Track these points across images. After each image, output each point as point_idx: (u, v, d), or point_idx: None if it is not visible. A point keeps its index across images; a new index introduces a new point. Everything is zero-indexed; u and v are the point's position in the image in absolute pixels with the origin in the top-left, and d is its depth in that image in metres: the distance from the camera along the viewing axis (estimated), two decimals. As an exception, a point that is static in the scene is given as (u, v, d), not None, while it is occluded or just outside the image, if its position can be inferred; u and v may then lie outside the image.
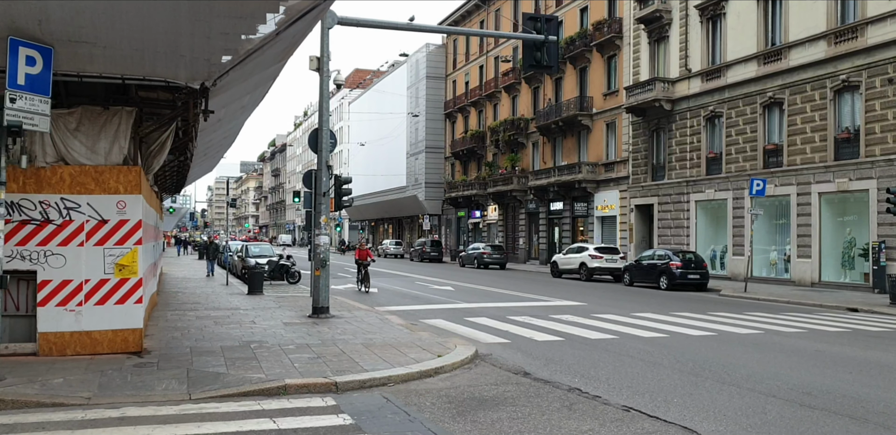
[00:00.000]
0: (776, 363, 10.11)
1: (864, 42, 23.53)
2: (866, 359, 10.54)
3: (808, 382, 8.78)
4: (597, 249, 30.85)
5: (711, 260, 30.19)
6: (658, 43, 34.13)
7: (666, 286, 25.16)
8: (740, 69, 28.91)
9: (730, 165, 29.37)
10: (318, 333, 12.16)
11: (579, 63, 40.66)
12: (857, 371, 9.53)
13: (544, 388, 8.42)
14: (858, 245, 24.28)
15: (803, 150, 25.89)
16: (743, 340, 12.41)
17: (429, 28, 18.73)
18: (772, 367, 9.81)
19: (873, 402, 7.72)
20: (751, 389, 8.33)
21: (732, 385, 8.57)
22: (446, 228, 60.72)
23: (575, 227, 41.27)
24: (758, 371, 9.46)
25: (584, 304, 18.91)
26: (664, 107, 32.45)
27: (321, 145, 15.08)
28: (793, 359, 10.52)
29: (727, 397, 7.93)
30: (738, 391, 8.24)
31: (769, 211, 27.17)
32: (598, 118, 39.08)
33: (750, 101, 28.37)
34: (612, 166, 37.60)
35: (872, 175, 23.18)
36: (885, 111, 22.82)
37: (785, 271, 27.17)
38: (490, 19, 51.78)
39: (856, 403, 7.63)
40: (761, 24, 27.98)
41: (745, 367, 9.77)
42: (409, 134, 63.56)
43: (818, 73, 25.25)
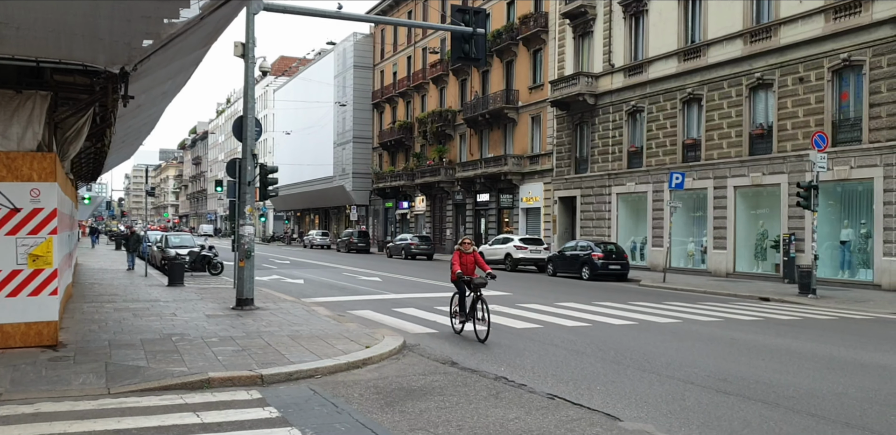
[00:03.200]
0: (694, 351, 10.48)
1: (777, 42, 24.49)
2: (777, 346, 11.03)
3: (723, 369, 9.13)
4: (522, 241, 31.28)
5: (632, 251, 31.02)
6: (583, 38, 34.72)
7: (588, 277, 25.74)
8: (661, 65, 29.70)
9: (650, 159, 30.18)
10: (243, 326, 11.95)
11: (506, 56, 41.00)
12: (768, 358, 9.97)
13: (472, 377, 8.50)
14: (770, 237, 25.35)
15: (720, 145, 26.82)
16: (662, 329, 12.81)
17: (357, 17, 18.49)
18: (689, 354, 10.16)
19: (783, 387, 8.10)
20: (670, 377, 8.62)
21: (653, 372, 8.85)
22: (374, 219, 60.47)
23: (501, 218, 41.71)
24: (676, 359, 9.79)
25: (509, 294, 19.16)
26: (588, 101, 33.07)
27: (246, 133, 14.77)
28: (709, 347, 10.92)
29: (648, 385, 8.18)
30: (658, 378, 8.51)
31: (687, 204, 28.08)
32: (523, 111, 39.53)
33: (670, 97, 29.19)
34: (537, 159, 38.13)
35: (784, 170, 24.21)
36: (796, 109, 23.83)
37: (702, 262, 28.15)
38: (418, 10, 51.62)
39: (768, 389, 7.98)
40: (682, 21, 28.79)
41: (664, 355, 10.09)
42: (337, 123, 62.90)
43: (735, 71, 26.17)
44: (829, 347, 10.94)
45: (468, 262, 11.62)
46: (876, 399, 7.55)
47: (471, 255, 11.66)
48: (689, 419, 6.73)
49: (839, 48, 22.36)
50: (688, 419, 6.73)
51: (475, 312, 11.22)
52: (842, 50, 22.28)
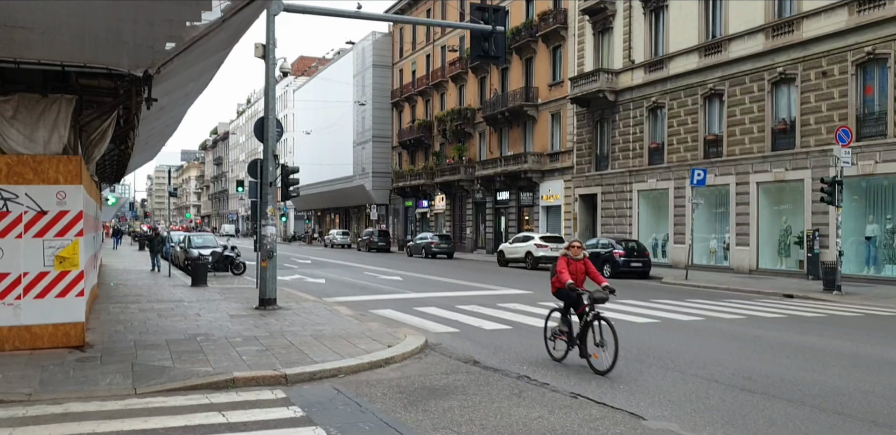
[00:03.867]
0: (717, 349, 10.42)
1: (799, 36, 24.22)
2: (802, 344, 10.93)
3: (747, 366, 9.07)
4: (542, 238, 31.21)
5: (654, 248, 30.84)
6: (602, 34, 34.54)
7: (610, 274, 25.61)
8: (682, 61, 29.48)
9: (671, 156, 29.98)
10: (266, 325, 12.04)
11: (525, 53, 40.89)
12: (793, 356, 9.88)
13: (494, 376, 8.51)
14: (794, 233, 25.09)
15: (742, 141, 26.58)
16: (685, 327, 12.74)
17: (376, 16, 18.54)
18: (713, 352, 10.10)
19: (809, 385, 8.03)
20: (693, 375, 8.57)
21: (676, 371, 8.81)
22: (394, 218, 60.59)
23: (521, 216, 41.63)
24: (700, 357, 9.73)
25: (530, 292, 19.13)
26: (608, 98, 32.90)
27: (267, 134, 14.87)
28: (733, 344, 10.84)
29: (671, 383, 8.14)
30: (682, 377, 8.47)
31: (709, 200, 27.86)
32: (543, 109, 39.41)
33: (691, 93, 28.96)
34: (557, 156, 38.01)
35: (807, 165, 23.95)
36: (819, 103, 23.56)
37: (724, 259, 27.92)
38: (437, 8, 51.62)
39: (793, 387, 7.92)
40: (702, 16, 28.54)
41: (687, 353, 10.04)
42: (356, 123, 63.09)
43: (756, 66, 25.92)
44: (855, 345, 10.82)
45: (578, 270, 9.35)
46: (904, 397, 7.47)
47: (581, 262, 9.39)
48: (713, 418, 6.69)
49: (863, 41, 22.07)
50: (712, 418, 6.69)
51: (588, 333, 8.96)
52: (866, 43, 21.98)
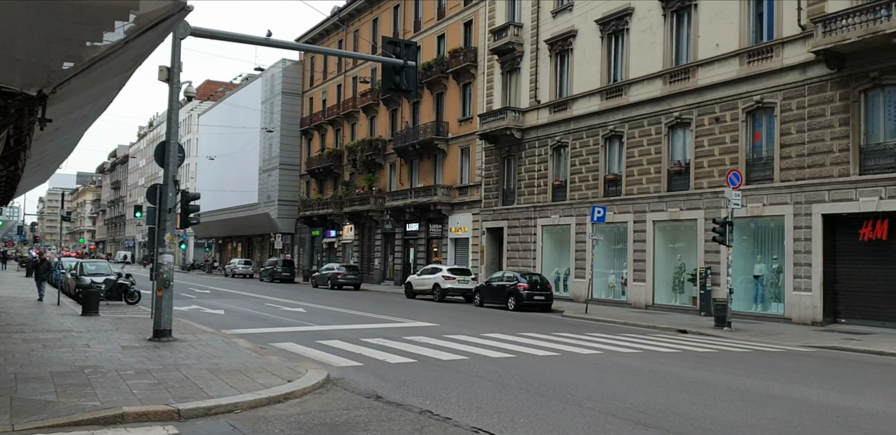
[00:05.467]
0: (615, 383, 10.65)
1: (695, 83, 25.57)
2: (694, 378, 11.32)
3: (643, 401, 9.31)
4: (450, 271, 31.38)
5: (556, 282, 31.48)
6: (511, 74, 35.50)
7: (514, 307, 25.94)
8: (585, 103, 30.58)
9: (574, 193, 30.87)
10: (160, 358, 11.54)
11: (436, 89, 41.51)
12: (686, 390, 10.22)
13: (396, 411, 8.42)
14: (688, 270, 26.13)
15: (640, 181, 27.66)
16: (584, 360, 12.99)
17: (286, 44, 18.45)
18: (611, 386, 10.33)
19: (701, 419, 8.30)
20: (591, 408, 8.73)
21: (575, 404, 8.95)
22: (299, 248, 59.64)
23: (430, 248, 41.77)
24: (598, 391, 9.93)
25: (436, 325, 19.12)
26: (515, 135, 33.71)
27: (168, 159, 14.45)
28: (630, 378, 11.12)
29: (570, 417, 8.26)
30: (581, 410, 8.61)
31: (609, 237, 28.75)
32: (453, 143, 39.97)
33: (593, 134, 30.03)
34: (466, 190, 38.51)
35: (700, 206, 25.10)
36: (712, 147, 24.84)
37: (622, 294, 28.76)
38: (349, 40, 51.89)
39: (685, 421, 8.17)
40: (605, 61, 29.78)
41: (586, 386, 10.22)
42: (263, 149, 62.16)
43: (655, 110, 27.16)
44: (744, 380, 11.29)
45: None
46: (786, 431, 7.82)
47: None
48: (610, 452, 6.80)
49: (753, 90, 23.50)
50: (609, 452, 6.80)
51: None
52: (755, 92, 23.42)
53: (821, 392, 10.34)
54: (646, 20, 27.67)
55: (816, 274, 21.29)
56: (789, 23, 22.42)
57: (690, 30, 26.00)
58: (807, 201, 21.63)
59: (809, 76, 21.79)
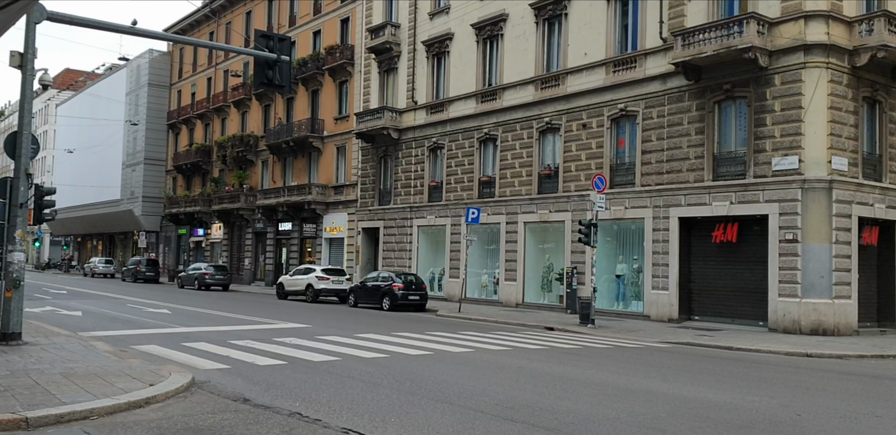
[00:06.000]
0: (485, 380, 10.88)
1: (564, 90, 26.51)
2: (560, 374, 11.74)
3: (511, 396, 9.56)
4: (324, 271, 31.01)
5: (431, 282, 31.78)
6: (388, 73, 35.53)
7: (388, 307, 25.97)
8: (461, 105, 31.06)
9: (449, 194, 31.28)
10: (7, 363, 10.76)
11: (311, 85, 40.93)
12: (552, 385, 10.57)
13: (264, 414, 8.24)
14: (555, 270, 27.07)
15: (512, 184, 28.39)
16: (456, 359, 13.19)
17: (154, 34, 17.61)
18: (481, 383, 10.54)
19: (565, 413, 8.62)
20: (462, 406, 8.87)
21: (446, 402, 9.07)
22: (165, 247, 57.22)
23: (303, 248, 41.13)
24: (468, 388, 10.10)
25: (309, 326, 18.86)
26: (392, 135, 33.77)
27: (20, 151, 13.49)
28: (499, 375, 11.39)
29: (440, 414, 8.36)
30: (451, 408, 8.73)
31: (482, 237, 29.33)
32: (328, 141, 39.54)
33: (468, 136, 30.54)
34: (342, 189, 38.20)
35: (568, 208, 26.05)
36: (579, 152, 25.83)
37: (494, 293, 29.41)
38: (220, 32, 50.31)
39: (551, 416, 8.45)
40: (480, 65, 30.35)
41: (457, 384, 10.38)
42: (127, 143, 59.21)
43: (527, 115, 27.94)
44: (605, 375, 11.81)
45: None
46: (643, 423, 8.25)
47: None
48: (478, 448, 6.94)
49: (617, 99, 24.62)
50: (477, 448, 6.94)
51: None
52: (619, 100, 24.55)
53: (675, 386, 10.98)
54: (519, 26, 28.43)
55: (673, 274, 22.58)
56: (652, 35, 23.67)
57: (561, 38, 26.94)
58: (665, 205, 22.89)
59: (669, 87, 23.08)
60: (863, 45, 19.94)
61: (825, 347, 16.69)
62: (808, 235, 19.66)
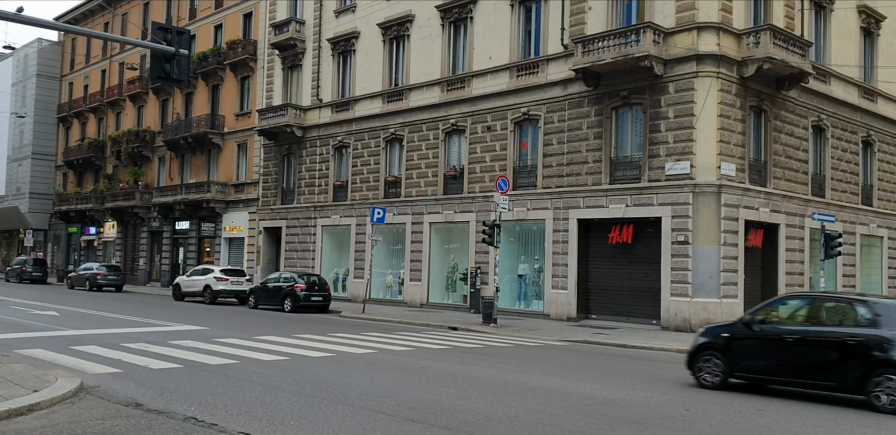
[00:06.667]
0: (387, 381, 10.88)
1: (469, 92, 26.81)
2: (462, 373, 11.87)
3: (413, 397, 9.60)
4: (223, 271, 30.23)
5: (334, 283, 31.48)
6: (292, 70, 34.98)
7: (290, 308, 25.57)
8: (367, 104, 30.92)
9: (355, 194, 31.08)
10: None
11: (212, 80, 39.83)
12: (453, 385, 10.68)
13: (157, 419, 7.97)
14: (460, 270, 27.33)
15: (418, 184, 28.48)
16: (359, 360, 13.13)
17: (43, 23, 16.72)
18: (383, 384, 10.53)
19: (465, 412, 8.72)
20: (363, 407, 8.84)
21: (347, 404, 9.02)
22: (54, 246, 54.44)
23: (201, 248, 39.96)
24: (370, 389, 10.08)
25: (206, 328, 18.35)
26: (296, 133, 33.25)
27: None
28: (401, 376, 11.42)
29: (341, 417, 8.31)
30: (352, 410, 8.69)
31: (388, 237, 29.29)
32: (229, 138, 38.57)
33: (374, 135, 30.44)
34: (243, 188, 37.34)
35: (473, 209, 26.34)
36: (483, 154, 26.17)
37: (399, 293, 29.42)
38: (116, 23, 48.29)
39: (451, 415, 8.54)
40: (387, 65, 30.30)
41: (358, 386, 10.34)
42: (13, 137, 56.01)
43: (433, 116, 28.09)
44: (506, 373, 12.02)
45: None
46: (541, 420, 8.45)
47: None
48: (378, 449, 6.94)
49: (520, 103, 25.08)
50: (377, 449, 6.94)
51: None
52: (522, 104, 25.01)
53: (572, 383, 11.29)
54: (426, 28, 28.55)
55: (572, 274, 23.19)
56: (554, 41, 24.24)
57: (467, 41, 27.22)
58: (565, 207, 23.49)
59: (570, 92, 23.69)
60: (750, 57, 21.05)
61: (713, 343, 17.51)
62: (698, 237, 20.59)
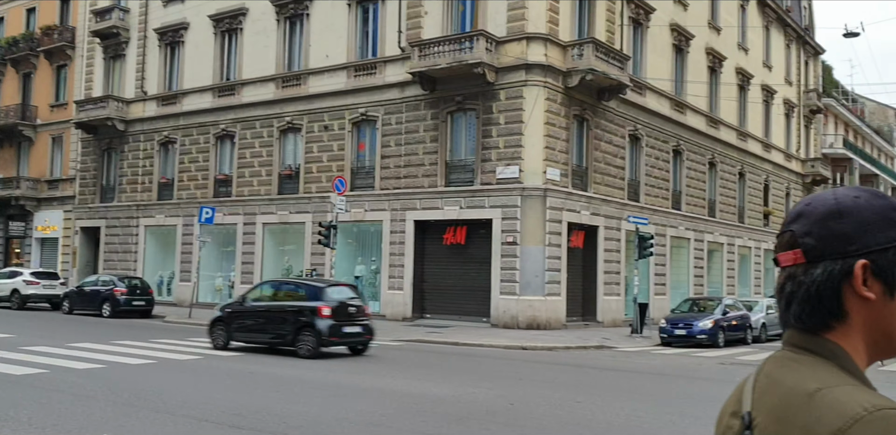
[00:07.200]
0: (213, 387, 10.48)
1: (306, 90, 26.43)
2: (292, 377, 11.65)
3: (240, 403, 9.29)
4: (33, 274, 27.87)
5: (159, 286, 29.91)
6: (114, 60, 32.93)
7: (109, 314, 24.05)
8: (197, 99, 29.66)
9: (182, 192, 29.71)
10: None
11: (24, 68, 36.69)
12: (283, 389, 10.46)
13: (-53, 439, 7.22)
14: (294, 272, 26.82)
15: (251, 183, 27.68)
16: (183, 367, 12.56)
17: None
18: (208, 391, 10.13)
19: (294, 416, 8.56)
20: (185, 416, 8.46)
21: (167, 413, 8.58)
22: None
23: (9, 249, 36.72)
24: (194, 396, 9.66)
25: (12, 336, 16.82)
26: (117, 127, 31.30)
27: None
28: (228, 381, 11.03)
29: (161, 426, 7.90)
30: (173, 418, 8.28)
31: (218, 239, 28.21)
32: (43, 130, 35.69)
33: (204, 131, 29.25)
34: (58, 184, 34.67)
35: (309, 210, 25.97)
36: (321, 154, 25.89)
37: (229, 296, 28.36)
38: None
39: (279, 420, 8.35)
40: (218, 58, 29.23)
41: (182, 393, 9.88)
42: None
43: (267, 113, 27.42)
44: (338, 375, 11.94)
45: None
46: (370, 421, 8.46)
47: None
48: (200, 459, 6.66)
49: (358, 103, 25.05)
50: (199, 459, 6.66)
51: None
52: (360, 105, 24.99)
53: (404, 382, 11.40)
54: (260, 22, 27.83)
55: (408, 274, 23.45)
56: (391, 44, 24.42)
57: (303, 38, 26.82)
58: (402, 208, 23.72)
59: (407, 95, 23.95)
60: (574, 68, 22.25)
61: (538, 340, 18.34)
62: (525, 238, 21.48)
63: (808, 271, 1.12)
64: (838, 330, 1.11)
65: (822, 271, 1.10)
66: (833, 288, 1.10)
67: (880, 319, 1.10)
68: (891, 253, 1.09)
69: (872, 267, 1.09)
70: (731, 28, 33.06)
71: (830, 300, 1.10)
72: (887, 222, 1.10)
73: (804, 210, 1.15)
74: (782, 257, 1.16)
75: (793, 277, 1.14)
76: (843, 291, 1.09)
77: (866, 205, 1.11)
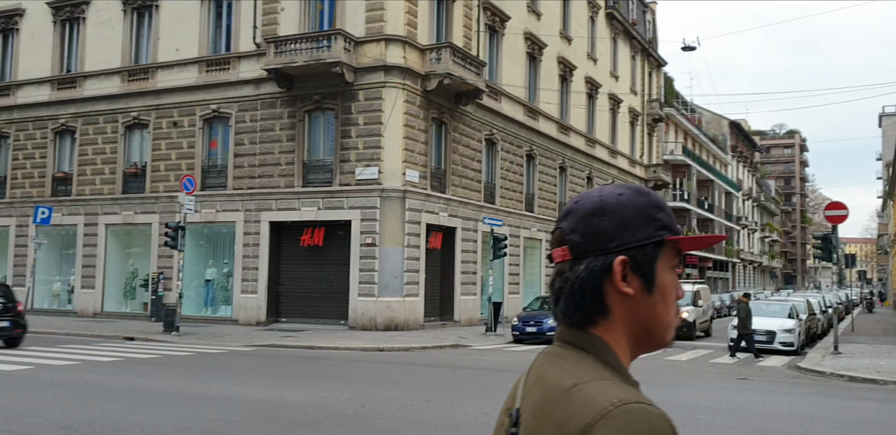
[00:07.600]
0: (42, 399, 9.74)
1: (154, 84, 25.20)
2: (132, 386, 11.03)
3: (71, 415, 8.69)
4: None
5: (-14, 292, 27.51)
6: (-62, 46, 30.03)
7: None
8: (33, 90, 27.60)
9: (15, 190, 27.55)
10: None
11: None
12: (122, 399, 9.88)
13: None
14: (141, 276, 25.50)
15: (93, 181, 26.06)
16: (9, 378, 11.61)
17: None
18: (36, 403, 9.41)
19: (130, 427, 8.09)
20: (7, 431, 7.80)
21: (-14, 430, 7.90)
22: None
23: None
24: (20, 410, 8.94)
25: None
26: (-60, 118, 28.57)
27: None
28: (60, 392, 10.30)
29: (-23, 445, 7.26)
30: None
31: (56, 240, 26.40)
32: None
33: (41, 126, 27.26)
34: None
35: (156, 210, 24.76)
36: (169, 151, 24.75)
37: (68, 302, 26.65)
38: None
39: (114, 431, 7.87)
40: (58, 48, 27.34)
41: (6, 406, 9.12)
42: None
43: (112, 107, 25.91)
44: (182, 383, 11.42)
45: None
46: (213, 429, 8.13)
47: None
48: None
49: (210, 99, 24.15)
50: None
51: None
52: (213, 101, 24.11)
53: (253, 388, 11.06)
54: (105, 12, 26.26)
55: (262, 277, 22.84)
56: (246, 39, 23.73)
57: (151, 30, 25.57)
58: (257, 209, 23.09)
59: (262, 92, 23.35)
60: (433, 72, 22.49)
61: (396, 341, 18.38)
62: (385, 239, 21.48)
63: (574, 268, 1.14)
64: (602, 325, 1.14)
65: (585, 267, 1.13)
66: (595, 284, 1.12)
67: (640, 313, 1.14)
68: (649, 249, 1.13)
69: (631, 263, 1.12)
70: (582, 38, 34.57)
71: (592, 296, 1.13)
72: (647, 219, 1.14)
73: (573, 207, 1.18)
74: (554, 254, 1.18)
75: (561, 273, 1.16)
76: (604, 287, 1.12)
77: (628, 202, 1.14)
